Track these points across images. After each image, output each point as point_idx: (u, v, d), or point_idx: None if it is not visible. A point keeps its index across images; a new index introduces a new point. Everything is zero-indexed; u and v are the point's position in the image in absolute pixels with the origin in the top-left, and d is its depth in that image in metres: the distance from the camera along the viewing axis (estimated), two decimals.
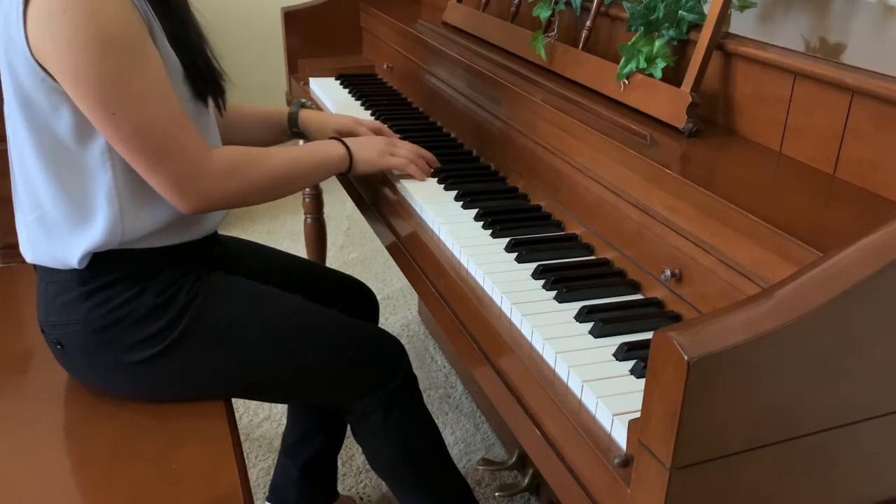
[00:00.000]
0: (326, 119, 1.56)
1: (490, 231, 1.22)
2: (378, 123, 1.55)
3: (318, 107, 1.93)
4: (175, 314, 1.20)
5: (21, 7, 1.04)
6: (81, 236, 1.15)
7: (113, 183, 1.14)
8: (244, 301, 1.26)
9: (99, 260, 1.17)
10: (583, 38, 1.38)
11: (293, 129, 1.56)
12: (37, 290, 1.25)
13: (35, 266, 1.24)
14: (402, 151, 1.40)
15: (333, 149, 1.35)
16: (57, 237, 1.17)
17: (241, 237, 1.52)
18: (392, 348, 1.36)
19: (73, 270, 1.18)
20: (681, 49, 1.21)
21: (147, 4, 1.12)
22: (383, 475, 1.42)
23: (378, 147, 1.38)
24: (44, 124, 1.11)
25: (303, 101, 1.60)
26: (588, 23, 1.37)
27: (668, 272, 1.00)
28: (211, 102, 1.26)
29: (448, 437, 2.02)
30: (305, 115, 1.55)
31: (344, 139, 1.38)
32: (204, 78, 1.22)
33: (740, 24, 1.26)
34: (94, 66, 1.04)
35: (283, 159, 1.27)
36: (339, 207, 3.38)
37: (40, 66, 1.06)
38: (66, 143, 1.12)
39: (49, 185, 1.14)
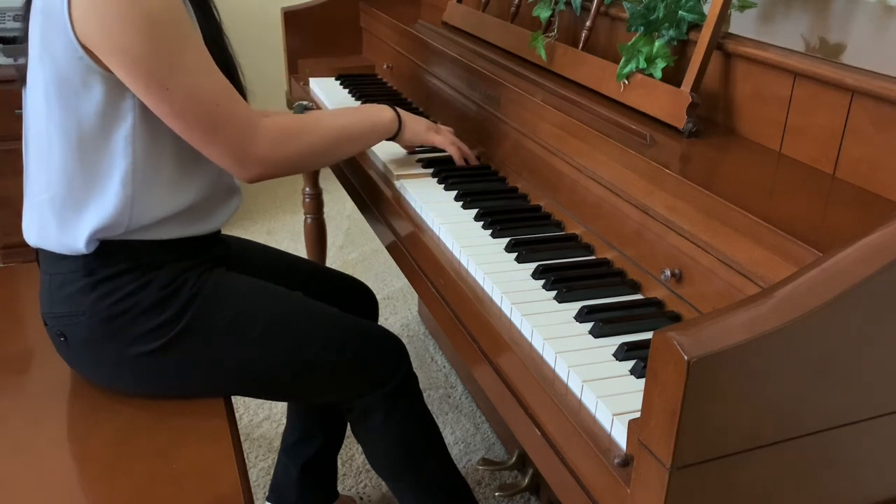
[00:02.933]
0: None
1: (490, 231, 1.22)
2: None
3: (318, 106, 1.93)
4: (179, 308, 1.20)
5: None
6: (90, 216, 1.16)
7: (131, 168, 1.15)
8: (248, 297, 1.27)
9: (105, 250, 1.18)
10: (583, 39, 1.38)
11: None
12: (40, 281, 1.25)
13: (38, 256, 1.24)
14: (445, 133, 1.47)
15: (384, 113, 1.41)
16: (66, 218, 1.17)
17: (242, 237, 1.52)
18: (393, 347, 1.36)
19: (79, 260, 1.18)
20: (681, 49, 1.21)
21: (189, 3, 1.14)
22: (383, 475, 1.43)
23: (424, 122, 1.45)
24: (73, 103, 1.12)
25: (304, 103, 1.63)
26: (588, 23, 1.37)
27: (668, 272, 1.00)
28: None
29: (448, 437, 2.02)
30: None
31: (396, 108, 1.43)
32: (233, 78, 1.24)
33: (740, 24, 1.26)
34: (144, 43, 1.06)
35: (336, 123, 1.33)
36: (339, 207, 3.38)
37: (82, 45, 1.08)
38: (93, 122, 1.13)
39: (67, 165, 1.15)
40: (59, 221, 1.17)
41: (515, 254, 1.15)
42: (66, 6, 1.06)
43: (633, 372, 0.89)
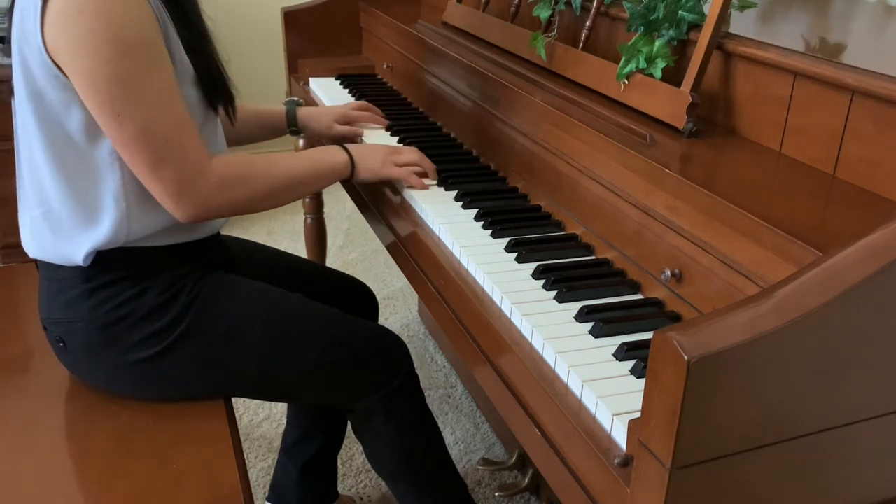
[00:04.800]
0: (322, 112, 1.62)
1: (490, 231, 1.22)
2: (363, 103, 1.66)
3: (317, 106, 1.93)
4: (177, 313, 1.20)
5: (40, 4, 1.04)
6: (87, 235, 1.16)
7: (121, 183, 1.15)
8: (246, 300, 1.26)
9: (103, 258, 1.17)
10: (583, 38, 1.38)
11: (291, 128, 1.61)
12: (39, 287, 1.25)
13: (37, 263, 1.24)
14: (404, 158, 1.39)
15: (336, 156, 1.35)
16: (62, 234, 1.17)
17: (242, 237, 1.52)
18: (395, 348, 1.36)
19: (77, 268, 1.18)
20: (681, 49, 1.21)
21: (165, 11, 1.13)
22: (383, 475, 1.42)
23: (380, 156, 1.38)
24: (54, 120, 1.12)
25: (295, 99, 1.63)
26: (588, 23, 1.37)
27: (668, 272, 1.00)
28: (221, 111, 1.27)
29: (448, 437, 2.02)
30: (302, 112, 1.60)
31: (347, 146, 1.37)
32: (216, 87, 1.22)
33: (740, 24, 1.26)
34: (105, 68, 1.05)
35: (284, 167, 1.27)
36: (339, 207, 3.38)
37: (54, 63, 1.07)
38: (76, 140, 1.12)
39: (57, 182, 1.15)
40: (55, 236, 1.17)
41: (515, 254, 1.15)
42: (39, 24, 1.05)
43: (633, 372, 0.89)
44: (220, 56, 1.26)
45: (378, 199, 1.47)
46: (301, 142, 1.99)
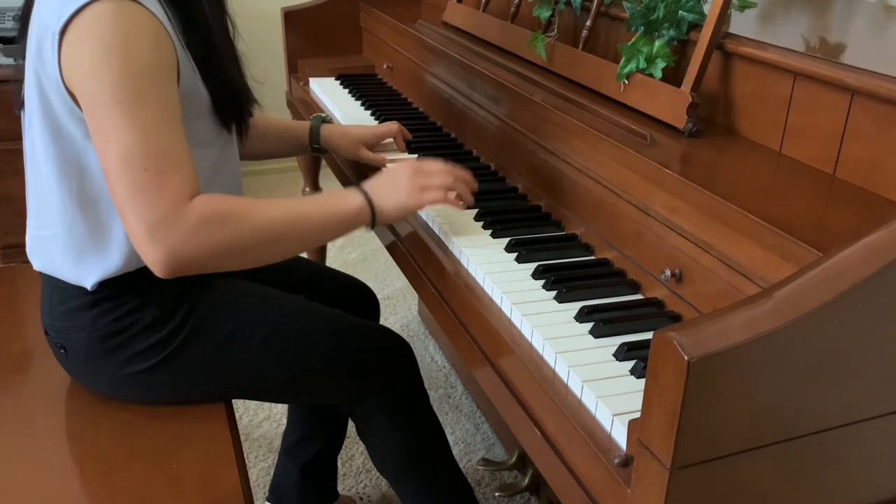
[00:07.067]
0: (350, 131, 1.53)
1: (490, 231, 1.22)
2: (395, 124, 1.54)
3: (317, 107, 1.93)
4: (178, 322, 1.19)
5: (57, 36, 1.03)
6: (96, 266, 1.15)
7: None
8: (247, 305, 1.26)
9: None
10: (583, 38, 1.38)
11: (314, 146, 1.54)
12: (41, 292, 1.24)
13: (41, 272, 1.23)
14: (437, 180, 1.19)
15: (348, 200, 1.16)
16: (70, 259, 1.16)
17: None
18: (397, 348, 1.36)
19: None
20: (681, 49, 1.21)
21: (176, 32, 1.10)
22: (386, 475, 1.42)
23: (405, 185, 1.18)
24: (72, 155, 1.11)
25: (323, 115, 1.58)
26: (588, 23, 1.37)
27: (668, 272, 1.00)
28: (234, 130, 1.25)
29: (448, 437, 2.02)
30: (327, 130, 1.54)
31: (364, 186, 1.19)
32: (228, 105, 1.20)
33: (740, 24, 1.26)
34: (106, 91, 1.01)
35: (281, 213, 1.11)
36: None
37: (70, 95, 1.06)
38: (94, 176, 1.11)
39: (67, 213, 1.14)
40: (62, 259, 1.16)
41: (515, 254, 1.15)
42: (56, 56, 1.04)
43: (633, 372, 0.89)
44: (246, 76, 1.22)
45: None
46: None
